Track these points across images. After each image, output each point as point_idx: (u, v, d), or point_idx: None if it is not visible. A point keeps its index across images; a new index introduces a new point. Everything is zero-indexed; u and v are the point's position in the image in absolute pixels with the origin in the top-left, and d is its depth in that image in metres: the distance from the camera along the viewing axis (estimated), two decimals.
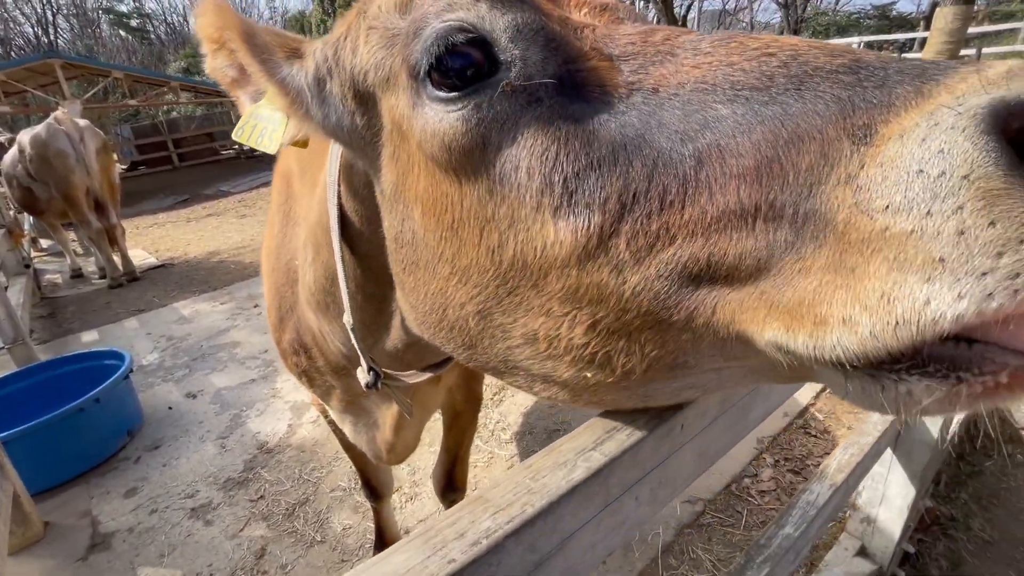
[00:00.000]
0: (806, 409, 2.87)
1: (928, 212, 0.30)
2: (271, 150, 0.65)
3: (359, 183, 0.70)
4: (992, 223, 0.28)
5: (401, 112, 0.53)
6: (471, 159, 0.48)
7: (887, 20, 23.90)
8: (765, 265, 0.37)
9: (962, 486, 2.21)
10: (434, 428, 2.43)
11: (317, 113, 0.63)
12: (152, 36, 45.59)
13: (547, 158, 0.44)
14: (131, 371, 3.18)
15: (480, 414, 3.09)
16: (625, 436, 0.54)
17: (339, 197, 0.74)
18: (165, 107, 22.45)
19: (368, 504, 2.14)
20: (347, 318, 0.81)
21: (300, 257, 0.96)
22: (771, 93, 0.38)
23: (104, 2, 41.71)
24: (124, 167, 17.55)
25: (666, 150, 0.40)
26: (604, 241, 0.42)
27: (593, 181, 0.42)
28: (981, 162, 0.28)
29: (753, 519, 2.27)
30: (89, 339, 4.83)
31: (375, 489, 1.97)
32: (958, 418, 2.13)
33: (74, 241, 7.65)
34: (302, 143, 0.67)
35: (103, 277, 6.28)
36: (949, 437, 2.01)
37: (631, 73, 0.45)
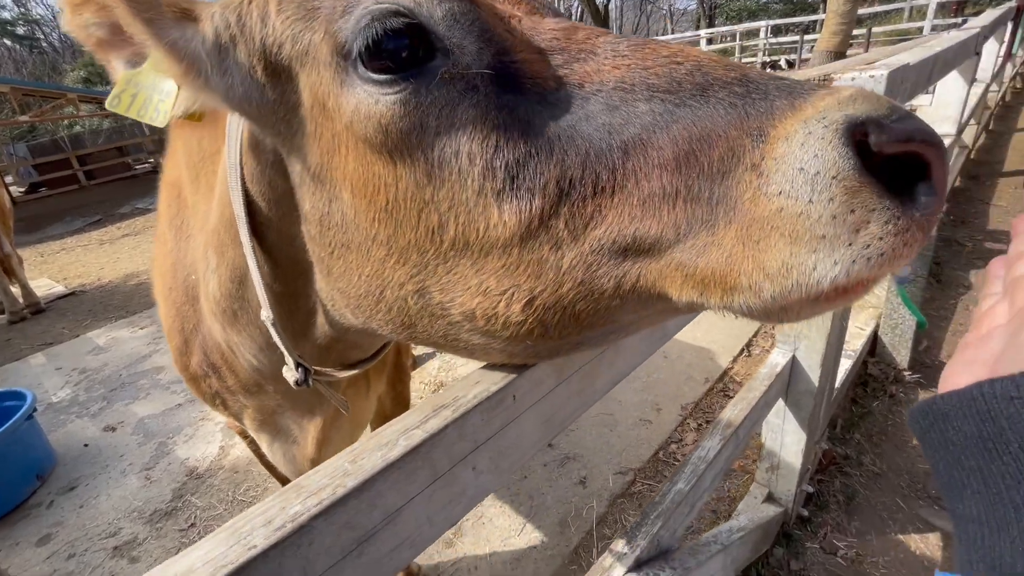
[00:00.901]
0: (725, 373, 3.07)
1: (810, 200, 0.39)
2: (160, 122, 0.58)
3: (266, 163, 0.65)
4: (852, 210, 0.38)
5: (326, 89, 0.52)
6: (408, 142, 0.49)
7: (791, 4, 25.47)
8: (684, 239, 0.44)
9: (855, 427, 2.44)
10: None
11: (219, 84, 0.56)
12: (43, 44, 41.57)
13: (488, 145, 0.47)
14: (35, 411, 2.94)
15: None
16: (451, 412, 0.57)
17: (243, 182, 0.67)
18: (65, 122, 20.59)
19: None
20: (265, 314, 0.75)
21: (200, 268, 0.90)
22: (681, 96, 0.44)
23: None
24: (22, 190, 15.98)
25: (596, 141, 0.45)
26: (544, 222, 0.47)
27: (533, 168, 0.46)
28: (844, 167, 0.39)
29: None
30: None
31: None
32: (844, 369, 2.35)
33: None
34: (197, 116, 0.60)
35: (1, 313, 5.73)
36: (838, 386, 2.22)
37: (558, 67, 0.48)
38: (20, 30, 39.63)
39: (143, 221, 11.01)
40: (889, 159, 0.39)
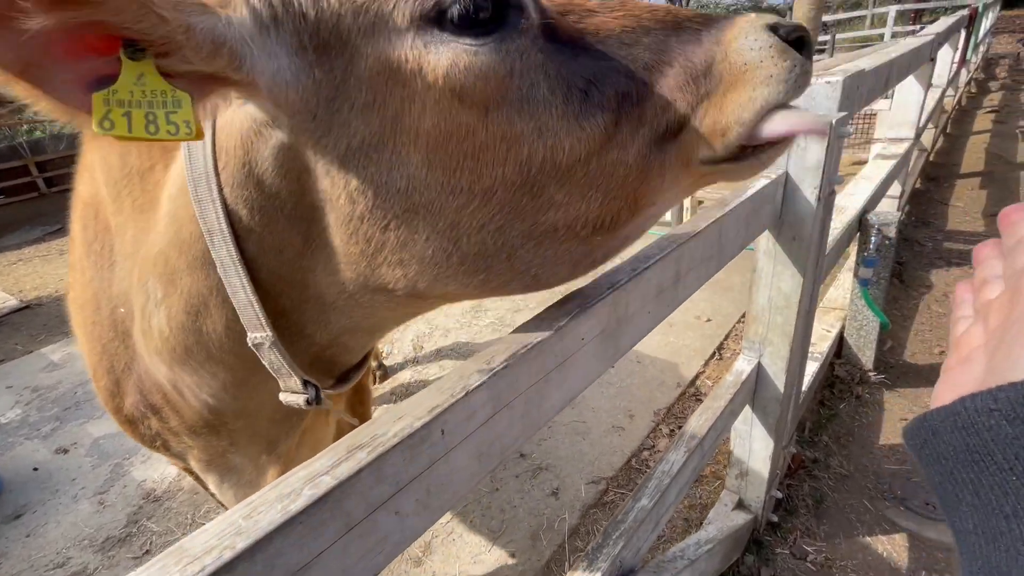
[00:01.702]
0: (697, 377, 3.07)
1: (760, 60, 0.59)
2: (193, 136, 0.49)
3: (263, 163, 0.60)
4: (785, 60, 0.59)
5: (402, 54, 0.54)
6: (502, 86, 0.56)
7: (759, 11, 26.09)
8: (695, 112, 0.61)
9: (823, 429, 2.46)
10: None
11: (264, 70, 0.51)
12: None
13: (561, 77, 0.57)
14: None
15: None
16: (366, 454, 0.52)
17: (219, 191, 0.62)
18: (25, 127, 19.80)
19: None
20: (261, 335, 0.69)
21: (137, 300, 0.80)
22: (666, 29, 0.63)
23: None
24: None
25: (627, 65, 0.60)
26: (611, 129, 0.59)
27: (596, 89, 0.58)
28: (774, 40, 0.60)
29: None
30: None
31: None
32: (811, 372, 2.37)
33: None
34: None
35: None
36: (805, 389, 2.23)
37: (577, 23, 0.62)
38: None
39: None
40: (788, 40, 0.61)
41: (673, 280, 1.01)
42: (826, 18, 14.73)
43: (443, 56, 0.53)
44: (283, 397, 0.77)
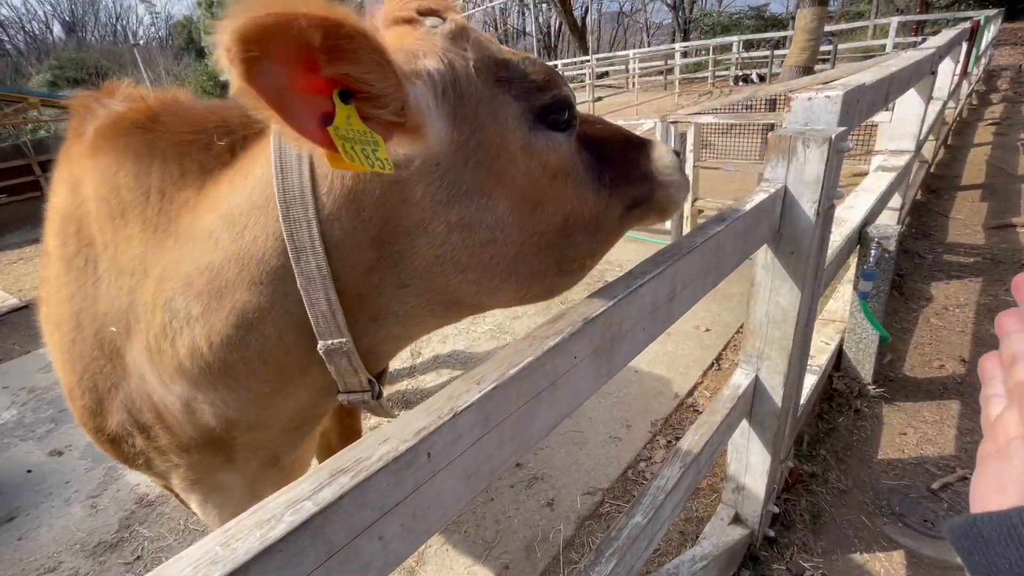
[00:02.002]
0: (694, 388, 3.05)
1: (674, 167, 0.94)
2: (388, 170, 0.61)
3: (374, 194, 0.71)
4: (681, 169, 0.96)
5: (514, 134, 0.76)
6: (566, 164, 0.81)
7: (762, 20, 26.22)
8: (647, 193, 0.92)
9: (821, 443, 2.44)
10: None
11: (434, 127, 0.67)
12: (7, 46, 40.23)
13: (587, 162, 0.85)
14: None
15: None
16: (349, 479, 0.51)
17: (316, 213, 0.70)
18: (29, 126, 19.85)
19: None
20: (338, 341, 0.75)
21: (150, 318, 0.81)
22: (626, 139, 0.94)
23: None
24: None
25: (612, 160, 0.89)
26: (609, 199, 0.87)
27: (603, 174, 0.86)
28: (675, 156, 0.96)
29: None
30: None
31: None
32: (809, 385, 2.35)
33: None
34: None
35: None
36: (804, 402, 2.21)
37: (585, 129, 0.88)
38: None
39: None
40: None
41: (668, 297, 1.00)
42: (828, 28, 14.79)
43: (540, 140, 0.78)
44: (343, 398, 0.84)
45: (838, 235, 2.29)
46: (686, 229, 4.99)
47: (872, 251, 2.34)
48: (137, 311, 0.83)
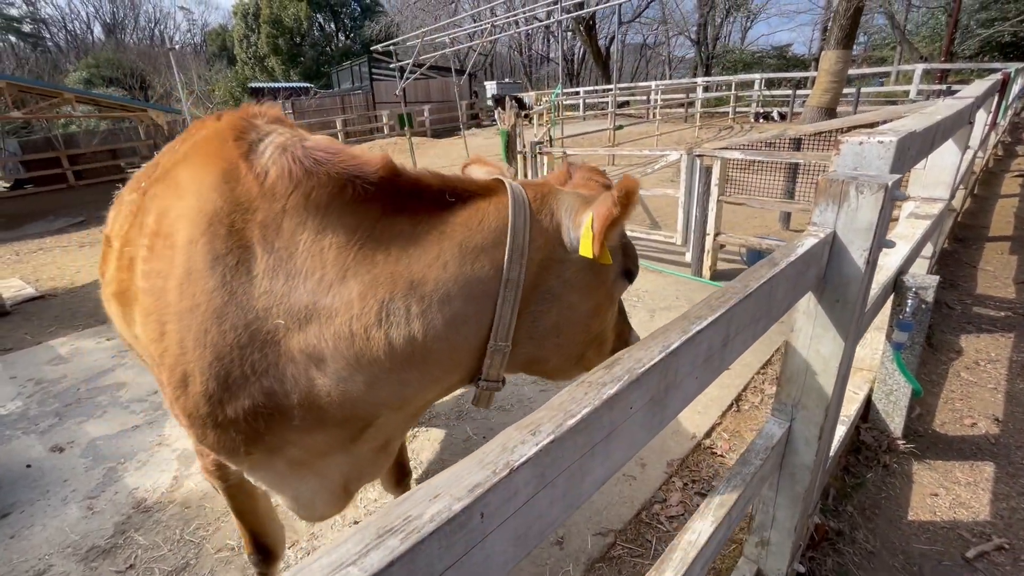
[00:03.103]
0: (712, 429, 2.95)
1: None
2: (608, 261, 1.15)
3: (551, 258, 1.12)
4: (630, 281, 1.33)
5: (614, 270, 1.22)
6: (617, 298, 1.33)
7: (784, 60, 26.49)
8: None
9: (848, 498, 2.32)
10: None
11: (616, 249, 1.23)
12: (49, 43, 41.67)
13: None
14: None
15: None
16: (399, 542, 0.45)
17: (525, 261, 1.07)
18: (62, 120, 20.41)
19: (256, 570, 1.91)
20: (504, 344, 1.08)
21: (373, 311, 1.00)
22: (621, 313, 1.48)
23: None
24: (7, 185, 15.68)
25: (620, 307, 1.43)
26: (611, 316, 1.32)
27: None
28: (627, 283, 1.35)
29: (662, 547, 2.26)
30: None
31: (270, 550, 1.80)
32: (838, 436, 2.25)
33: None
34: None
35: None
36: (832, 454, 2.11)
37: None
38: (26, 27, 39.71)
39: None
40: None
41: (722, 343, 0.94)
42: (852, 71, 14.87)
43: (620, 284, 1.26)
44: (483, 384, 1.12)
45: (875, 283, 2.21)
46: (707, 263, 4.93)
47: (909, 301, 2.26)
48: (330, 307, 0.99)
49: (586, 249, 1.05)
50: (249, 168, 1.04)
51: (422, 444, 3.02)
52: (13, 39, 38.10)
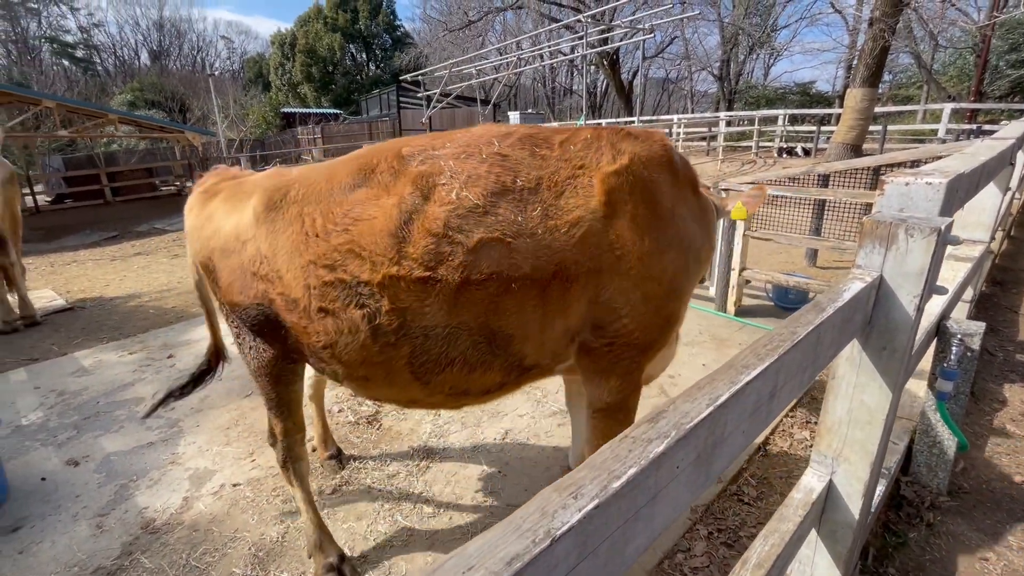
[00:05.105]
0: (739, 475, 2.80)
1: None
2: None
3: None
4: None
5: None
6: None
7: (808, 96, 26.53)
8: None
9: (889, 559, 2.16)
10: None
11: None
12: (99, 67, 44.17)
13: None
14: None
15: (403, 484, 2.84)
16: None
17: None
18: (105, 139, 21.40)
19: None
20: None
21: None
22: None
23: (48, 31, 40.26)
24: (49, 200, 16.35)
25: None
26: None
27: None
28: None
29: None
30: None
31: None
32: (879, 490, 2.11)
33: None
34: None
35: None
36: (873, 510, 1.97)
37: None
38: (79, 53, 42.21)
39: (157, 241, 11.10)
40: None
41: (770, 394, 0.88)
42: (877, 109, 14.78)
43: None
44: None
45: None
46: (731, 298, 4.82)
47: (954, 348, 2.14)
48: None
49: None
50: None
51: (435, 476, 2.93)
52: (67, 63, 40.51)
